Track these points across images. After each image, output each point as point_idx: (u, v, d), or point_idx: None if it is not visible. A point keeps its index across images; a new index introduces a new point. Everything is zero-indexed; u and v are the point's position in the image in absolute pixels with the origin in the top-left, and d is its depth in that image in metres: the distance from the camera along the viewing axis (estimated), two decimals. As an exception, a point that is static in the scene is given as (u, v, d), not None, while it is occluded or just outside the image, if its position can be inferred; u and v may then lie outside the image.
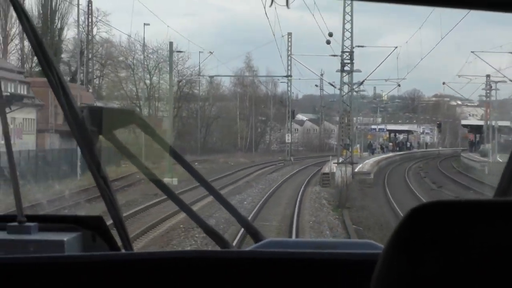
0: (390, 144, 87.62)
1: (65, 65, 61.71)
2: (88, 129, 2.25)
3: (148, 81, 68.69)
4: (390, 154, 73.27)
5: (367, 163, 46.75)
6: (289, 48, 61.95)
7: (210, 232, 2.37)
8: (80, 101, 46.24)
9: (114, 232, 2.27)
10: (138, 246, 18.35)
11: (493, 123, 56.88)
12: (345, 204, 25.24)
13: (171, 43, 45.69)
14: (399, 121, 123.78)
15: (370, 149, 73.29)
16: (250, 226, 2.44)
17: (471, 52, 52.95)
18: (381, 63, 45.29)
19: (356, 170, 37.64)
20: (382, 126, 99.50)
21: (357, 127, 71.07)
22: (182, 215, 20.29)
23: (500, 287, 0.97)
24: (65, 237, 2.19)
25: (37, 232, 2.24)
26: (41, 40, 2.25)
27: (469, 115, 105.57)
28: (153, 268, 1.91)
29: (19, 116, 44.78)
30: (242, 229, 13.88)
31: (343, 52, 34.33)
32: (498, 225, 1.00)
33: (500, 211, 1.01)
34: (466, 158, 57.67)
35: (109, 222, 2.28)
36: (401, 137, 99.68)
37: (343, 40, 34.15)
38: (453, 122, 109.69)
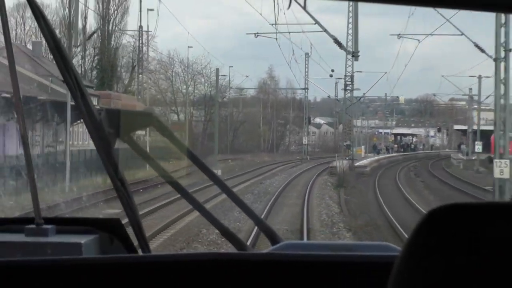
0: (395, 146, 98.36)
1: (119, 79, 73.53)
2: (106, 131, 2.24)
3: (184, 91, 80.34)
4: (394, 154, 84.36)
5: (368, 160, 58.43)
6: (306, 69, 73.16)
7: (227, 233, 2.36)
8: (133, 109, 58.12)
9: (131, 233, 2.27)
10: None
11: (470, 127, 68.14)
12: (342, 185, 36.85)
13: (217, 69, 57.19)
14: (412, 125, 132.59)
15: (375, 150, 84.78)
16: (267, 228, 2.42)
17: (442, 76, 64.64)
18: (373, 86, 56.56)
19: (356, 164, 49.30)
20: (388, 130, 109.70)
21: (361, 131, 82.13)
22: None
23: None
24: (82, 239, 2.17)
25: (54, 234, 2.23)
26: (59, 41, 2.24)
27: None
28: (170, 270, 1.90)
29: (91, 122, 56.33)
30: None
31: (345, 76, 45.79)
32: None
33: None
34: (452, 158, 68.99)
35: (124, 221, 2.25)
36: (406, 139, 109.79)
37: (346, 67, 45.49)
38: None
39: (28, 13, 71.00)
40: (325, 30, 34.79)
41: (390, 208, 25.92)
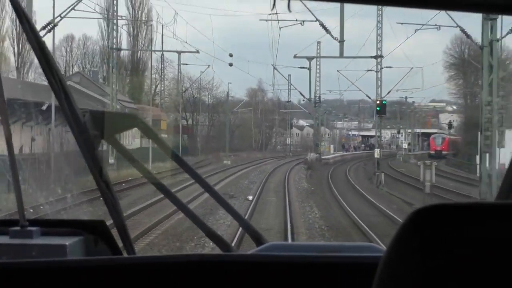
0: (362, 145, 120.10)
1: (146, 94, 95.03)
2: (90, 133, 2.23)
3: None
4: (360, 152, 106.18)
5: (334, 155, 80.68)
6: (289, 88, 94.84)
7: (212, 235, 2.37)
8: (160, 118, 79.88)
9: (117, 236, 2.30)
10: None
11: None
12: (310, 168, 58.76)
13: (227, 93, 78.91)
14: (388, 126, 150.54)
15: (343, 148, 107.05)
16: (252, 229, 2.43)
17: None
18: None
19: (323, 157, 71.32)
20: (356, 132, 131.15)
21: (329, 134, 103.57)
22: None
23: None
24: (67, 241, 2.17)
25: (39, 236, 2.22)
26: (43, 42, 2.21)
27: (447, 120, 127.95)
28: (156, 272, 1.89)
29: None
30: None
31: (314, 97, 67.38)
32: (500, 227, 0.99)
33: (501, 213, 1.00)
34: (397, 153, 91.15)
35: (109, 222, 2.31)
36: (371, 140, 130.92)
37: (314, 90, 67.06)
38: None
39: (75, 43, 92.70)
40: (295, 88, 57.78)
41: (332, 177, 47.77)
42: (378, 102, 42.03)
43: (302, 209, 27.82)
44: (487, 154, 28.71)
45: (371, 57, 45.01)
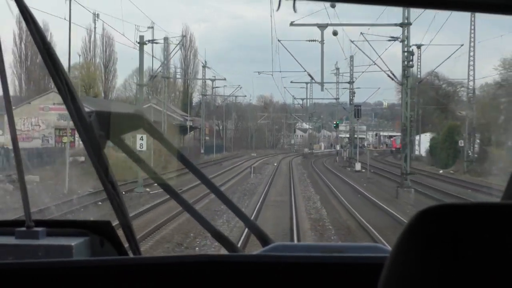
0: (348, 145, 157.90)
1: (194, 109, 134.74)
2: (96, 133, 2.24)
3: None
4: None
5: (321, 151, 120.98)
6: (293, 108, 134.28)
7: (218, 235, 2.39)
8: (205, 126, 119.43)
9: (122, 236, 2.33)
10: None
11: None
12: (305, 157, 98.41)
13: (253, 108, 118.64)
14: (380, 129, 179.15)
15: (331, 146, 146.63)
16: (258, 230, 2.45)
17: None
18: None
19: (314, 151, 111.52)
20: (343, 135, 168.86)
21: (329, 136, 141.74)
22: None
23: None
24: (73, 242, 2.18)
25: (45, 237, 2.23)
26: (49, 44, 2.22)
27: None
28: (161, 272, 1.90)
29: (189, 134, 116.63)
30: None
31: (310, 113, 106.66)
32: (507, 227, 0.99)
33: (506, 213, 1.00)
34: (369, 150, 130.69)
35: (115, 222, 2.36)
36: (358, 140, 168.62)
37: (305, 105, 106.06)
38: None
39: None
40: (297, 118, 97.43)
41: (315, 161, 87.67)
42: (334, 122, 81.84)
43: (297, 168, 68.27)
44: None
45: (334, 98, 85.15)
